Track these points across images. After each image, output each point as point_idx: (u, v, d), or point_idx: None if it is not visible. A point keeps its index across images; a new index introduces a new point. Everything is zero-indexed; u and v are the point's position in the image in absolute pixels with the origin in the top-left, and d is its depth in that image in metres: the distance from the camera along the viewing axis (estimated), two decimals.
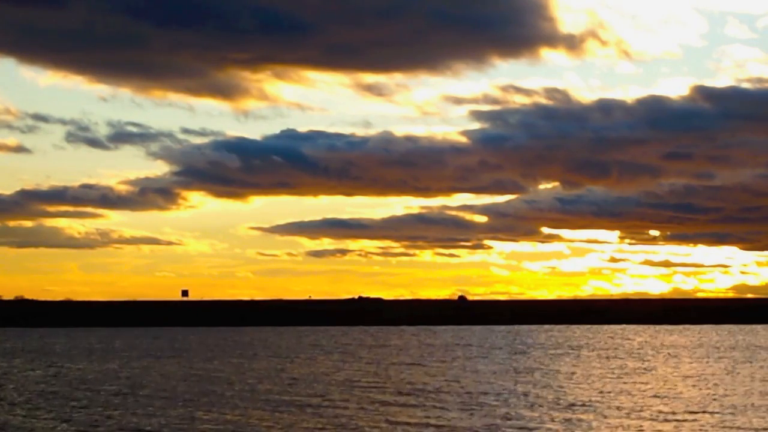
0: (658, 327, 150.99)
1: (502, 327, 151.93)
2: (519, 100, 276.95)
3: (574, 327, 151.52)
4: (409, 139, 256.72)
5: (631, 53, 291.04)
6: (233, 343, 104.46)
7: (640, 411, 43.10)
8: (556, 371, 64.83)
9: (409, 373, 64.17)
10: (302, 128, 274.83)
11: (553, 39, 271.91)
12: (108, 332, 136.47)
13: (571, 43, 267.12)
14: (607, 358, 79.33)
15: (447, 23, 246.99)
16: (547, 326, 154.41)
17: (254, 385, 56.38)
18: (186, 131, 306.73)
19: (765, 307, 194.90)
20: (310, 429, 38.57)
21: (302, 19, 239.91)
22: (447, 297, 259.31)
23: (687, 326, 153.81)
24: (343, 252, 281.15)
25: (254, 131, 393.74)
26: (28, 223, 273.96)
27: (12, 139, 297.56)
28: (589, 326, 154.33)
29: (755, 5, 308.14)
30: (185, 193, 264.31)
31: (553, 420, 40.28)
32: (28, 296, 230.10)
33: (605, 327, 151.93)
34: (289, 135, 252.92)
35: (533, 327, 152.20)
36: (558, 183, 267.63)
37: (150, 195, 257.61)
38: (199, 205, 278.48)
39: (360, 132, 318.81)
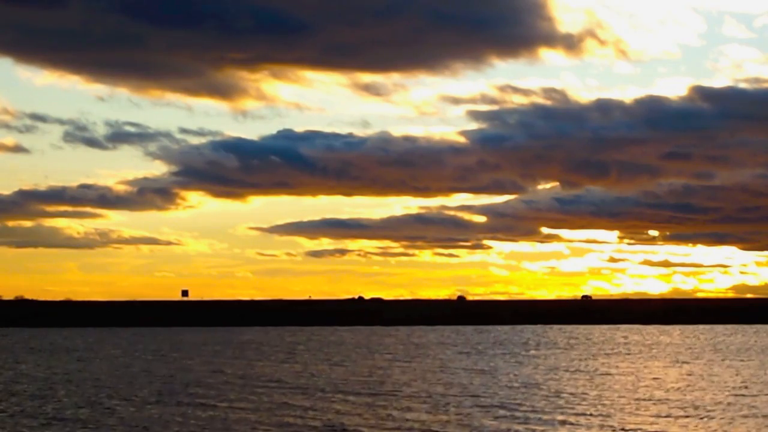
0: (657, 327, 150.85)
1: (500, 327, 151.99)
2: (517, 100, 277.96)
3: (573, 327, 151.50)
4: (408, 139, 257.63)
5: (629, 53, 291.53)
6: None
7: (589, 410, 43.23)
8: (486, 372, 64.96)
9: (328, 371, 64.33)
10: (301, 128, 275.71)
11: (551, 39, 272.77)
12: (109, 332, 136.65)
13: (570, 43, 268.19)
14: (583, 358, 79.36)
15: (445, 23, 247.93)
16: (545, 326, 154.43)
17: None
18: (184, 131, 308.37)
19: (764, 307, 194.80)
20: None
21: (300, 19, 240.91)
22: (447, 297, 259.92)
23: (686, 326, 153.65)
24: (343, 252, 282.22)
25: (253, 131, 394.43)
26: (28, 223, 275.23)
27: (10, 139, 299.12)
28: (588, 326, 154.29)
29: (753, 4, 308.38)
30: (184, 193, 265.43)
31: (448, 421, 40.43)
32: (28, 296, 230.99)
33: (603, 327, 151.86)
34: (287, 135, 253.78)
35: (530, 327, 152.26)
36: (557, 183, 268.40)
37: (149, 195, 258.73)
38: (198, 205, 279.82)
39: (358, 132, 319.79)
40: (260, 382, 57.83)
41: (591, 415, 41.77)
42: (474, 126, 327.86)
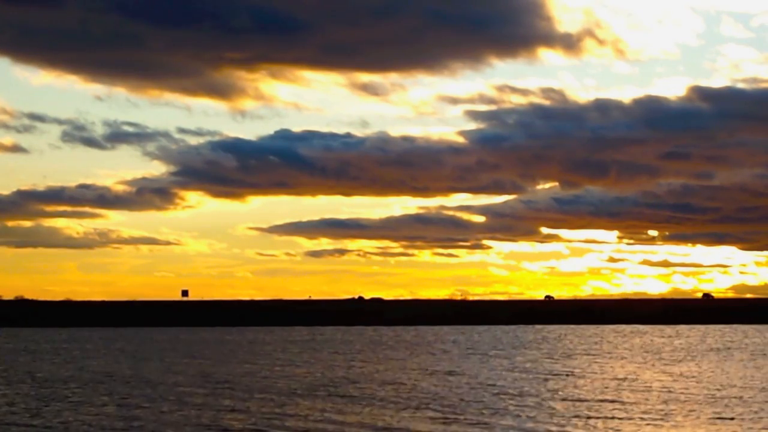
0: (657, 327, 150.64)
1: (498, 327, 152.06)
2: (515, 100, 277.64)
3: (573, 327, 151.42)
4: (406, 139, 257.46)
5: (627, 53, 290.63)
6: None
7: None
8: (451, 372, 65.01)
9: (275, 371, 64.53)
10: (299, 128, 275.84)
11: (550, 38, 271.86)
12: (111, 332, 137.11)
13: (568, 43, 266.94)
14: (553, 357, 79.34)
15: (443, 22, 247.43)
16: (543, 326, 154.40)
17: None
18: (182, 131, 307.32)
19: (764, 307, 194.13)
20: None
21: (298, 18, 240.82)
22: (447, 297, 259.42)
23: (686, 326, 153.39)
24: (342, 252, 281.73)
25: (251, 131, 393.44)
26: (27, 223, 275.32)
27: (8, 139, 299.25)
28: (588, 326, 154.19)
29: (751, 4, 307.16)
30: (183, 193, 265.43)
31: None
32: (28, 296, 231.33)
33: (603, 327, 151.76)
34: (284, 135, 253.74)
35: (528, 327, 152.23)
36: (556, 183, 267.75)
37: (147, 195, 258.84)
38: (197, 205, 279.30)
39: (356, 132, 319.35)
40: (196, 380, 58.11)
41: (528, 417, 41.87)
42: (472, 126, 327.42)
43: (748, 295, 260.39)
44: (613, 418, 41.17)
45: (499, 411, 43.31)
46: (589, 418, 41.13)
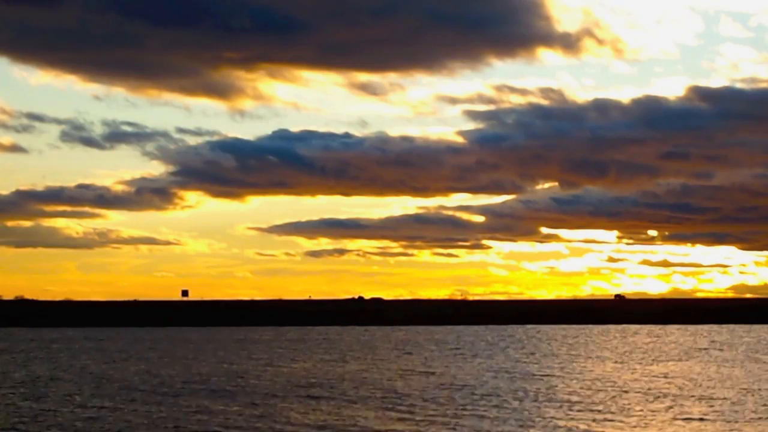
0: (657, 327, 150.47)
1: (496, 327, 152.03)
2: (514, 100, 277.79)
3: (573, 327, 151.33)
4: (405, 139, 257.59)
5: (626, 52, 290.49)
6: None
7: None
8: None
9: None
10: (298, 128, 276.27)
11: (548, 38, 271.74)
12: (114, 332, 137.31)
13: (567, 42, 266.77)
14: (529, 355, 79.35)
15: (442, 22, 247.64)
16: (543, 326, 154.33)
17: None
18: (181, 131, 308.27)
19: (764, 307, 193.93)
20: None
21: (297, 18, 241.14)
22: (447, 297, 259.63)
23: (686, 326, 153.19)
24: (341, 252, 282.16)
25: (250, 131, 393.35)
26: (26, 223, 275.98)
27: (7, 139, 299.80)
28: (587, 326, 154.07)
29: (749, 3, 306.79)
30: (182, 193, 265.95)
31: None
32: (28, 296, 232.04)
33: (601, 327, 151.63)
34: (282, 135, 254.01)
35: (526, 327, 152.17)
36: (556, 183, 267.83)
37: (147, 195, 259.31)
38: (197, 204, 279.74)
39: (355, 132, 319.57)
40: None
41: (487, 417, 42.00)
42: (471, 126, 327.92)
43: (748, 295, 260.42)
44: (572, 418, 41.25)
45: (459, 409, 43.45)
46: (552, 418, 41.22)
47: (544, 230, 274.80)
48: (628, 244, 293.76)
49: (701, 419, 40.80)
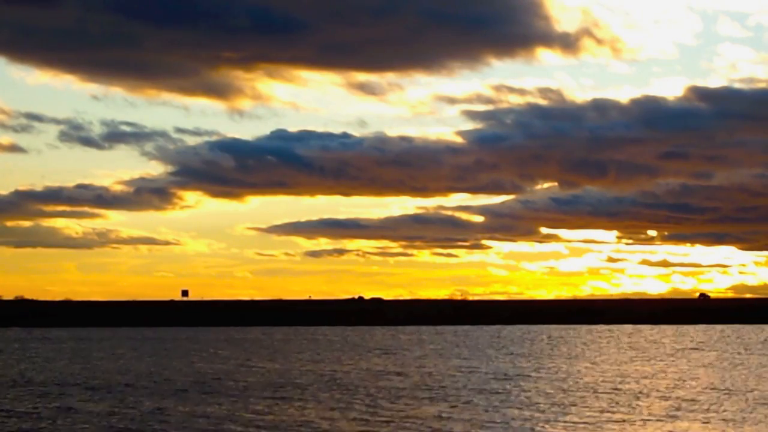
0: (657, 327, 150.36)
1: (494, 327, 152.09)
2: (513, 100, 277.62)
3: (573, 326, 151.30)
4: (404, 138, 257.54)
5: (625, 52, 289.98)
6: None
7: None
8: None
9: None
10: (296, 128, 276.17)
11: (547, 38, 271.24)
12: (114, 332, 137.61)
13: (566, 42, 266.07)
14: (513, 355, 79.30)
15: (441, 22, 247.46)
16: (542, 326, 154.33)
17: None
18: (180, 131, 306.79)
19: (764, 307, 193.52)
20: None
21: (295, 18, 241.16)
22: (447, 297, 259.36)
23: (675, 326, 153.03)
24: (341, 252, 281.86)
25: (249, 131, 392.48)
26: (26, 223, 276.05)
27: (6, 138, 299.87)
28: (587, 326, 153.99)
29: (747, 3, 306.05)
30: (181, 193, 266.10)
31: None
32: (28, 296, 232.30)
33: (600, 327, 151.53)
34: (281, 135, 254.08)
35: (524, 327, 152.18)
36: (555, 183, 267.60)
37: (146, 195, 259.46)
38: (196, 204, 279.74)
39: (354, 132, 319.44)
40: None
41: (444, 416, 42.02)
42: (470, 126, 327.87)
43: (748, 295, 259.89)
44: (531, 418, 41.20)
45: (420, 408, 43.47)
46: (512, 419, 41.20)
47: (544, 230, 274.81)
48: (627, 244, 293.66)
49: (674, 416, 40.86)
